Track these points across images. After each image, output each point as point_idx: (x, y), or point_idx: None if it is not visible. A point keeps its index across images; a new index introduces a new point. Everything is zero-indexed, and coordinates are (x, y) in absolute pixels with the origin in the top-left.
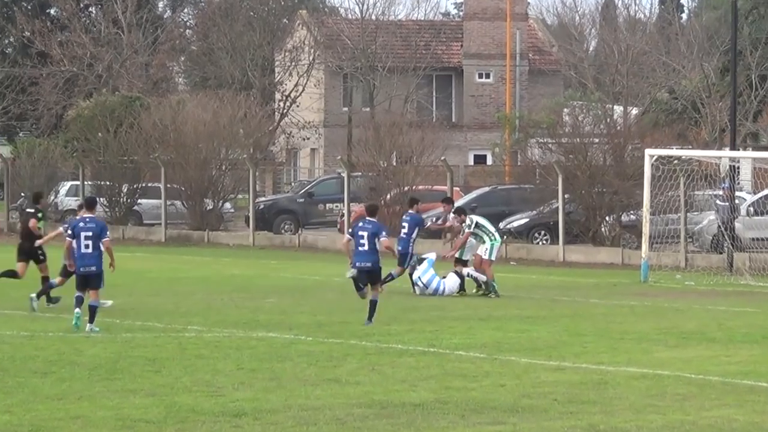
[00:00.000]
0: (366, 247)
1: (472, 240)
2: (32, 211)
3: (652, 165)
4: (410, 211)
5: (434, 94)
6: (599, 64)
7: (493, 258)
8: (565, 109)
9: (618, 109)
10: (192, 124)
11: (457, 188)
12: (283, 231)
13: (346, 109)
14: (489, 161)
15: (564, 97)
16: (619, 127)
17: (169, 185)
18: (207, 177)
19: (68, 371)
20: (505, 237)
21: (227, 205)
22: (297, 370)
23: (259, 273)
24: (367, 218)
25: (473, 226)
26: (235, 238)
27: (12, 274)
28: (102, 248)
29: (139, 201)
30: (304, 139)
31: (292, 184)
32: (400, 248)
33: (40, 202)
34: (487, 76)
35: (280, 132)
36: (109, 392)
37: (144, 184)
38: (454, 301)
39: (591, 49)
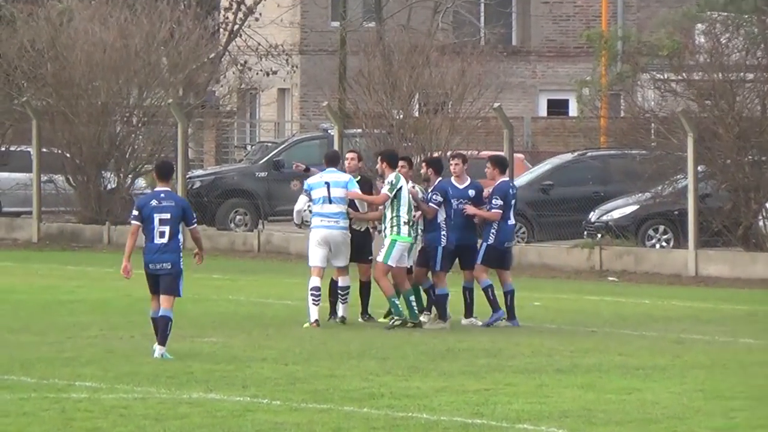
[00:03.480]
0: None
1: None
2: None
3: None
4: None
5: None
6: None
7: (390, 262)
8: (699, 25)
9: None
10: (83, 50)
11: (520, 155)
12: (232, 225)
13: (336, 24)
14: (573, 111)
15: (697, 5)
16: None
17: (45, 149)
18: (108, 136)
19: None
20: (417, 236)
21: (140, 182)
22: None
23: (194, 294)
24: None
25: (394, 188)
26: None
27: None
28: (181, 239)
29: None
30: (267, 75)
31: (249, 147)
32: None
33: None
34: None
35: (229, 62)
36: None
37: (4, 148)
38: (513, 339)
39: None
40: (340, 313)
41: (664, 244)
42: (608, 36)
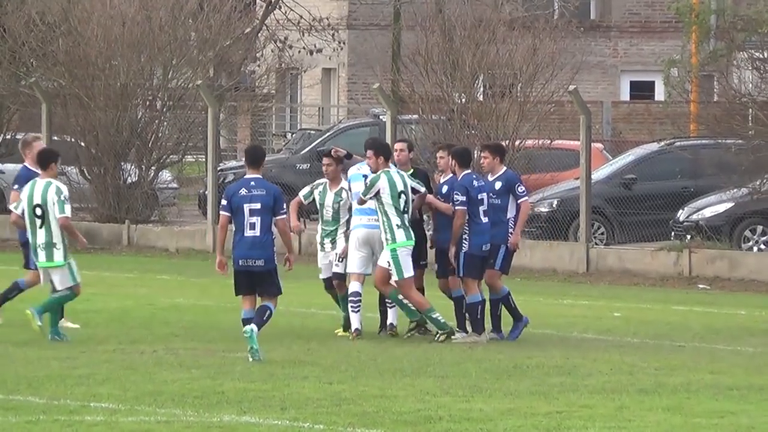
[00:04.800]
0: None
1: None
2: None
3: None
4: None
5: None
6: None
7: (407, 275)
8: None
9: None
10: (100, 24)
11: (598, 144)
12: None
13: None
14: (659, 94)
15: None
16: None
17: (56, 137)
18: (128, 122)
19: None
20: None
21: (165, 174)
22: None
23: (226, 302)
24: None
25: (369, 190)
26: (180, 237)
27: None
28: (275, 231)
29: (0, 166)
30: (311, 52)
31: (289, 136)
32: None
33: None
34: None
35: (267, 38)
36: None
37: (9, 136)
38: (589, 355)
39: None
40: (389, 320)
41: (762, 246)
42: (700, 9)
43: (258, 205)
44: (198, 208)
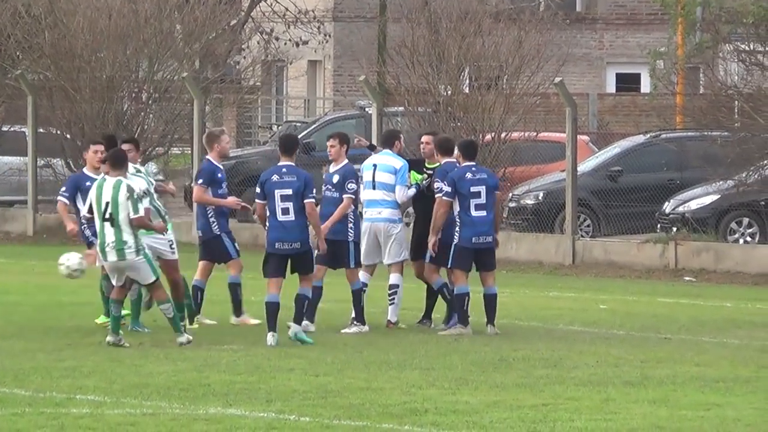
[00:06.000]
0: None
1: None
2: None
3: None
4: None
5: None
6: None
7: (175, 255)
8: None
9: None
10: (86, 16)
11: (584, 137)
12: (255, 217)
13: None
14: (645, 86)
15: None
16: None
17: (42, 129)
18: (114, 114)
19: None
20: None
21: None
22: None
23: (212, 295)
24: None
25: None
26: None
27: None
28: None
29: None
30: (296, 45)
31: (274, 127)
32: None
33: None
34: None
35: (252, 30)
36: None
37: None
38: (575, 347)
39: None
40: (388, 316)
41: (748, 239)
42: (686, 1)
43: (289, 191)
44: (184, 201)
